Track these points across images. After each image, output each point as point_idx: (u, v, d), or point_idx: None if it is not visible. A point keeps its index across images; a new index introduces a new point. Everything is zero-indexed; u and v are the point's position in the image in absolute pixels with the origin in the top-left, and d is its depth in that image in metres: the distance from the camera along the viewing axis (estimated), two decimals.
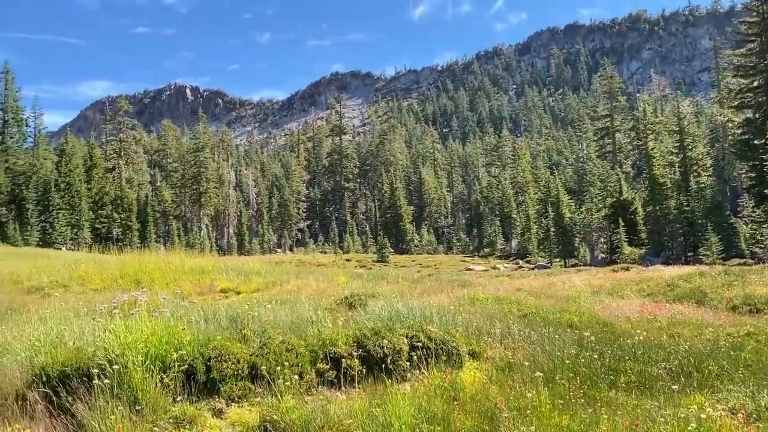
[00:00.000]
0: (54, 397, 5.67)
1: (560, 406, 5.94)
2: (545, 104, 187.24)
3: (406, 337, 7.34)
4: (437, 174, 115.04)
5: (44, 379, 5.99)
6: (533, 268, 52.07)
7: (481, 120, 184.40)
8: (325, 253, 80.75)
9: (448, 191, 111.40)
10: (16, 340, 7.38)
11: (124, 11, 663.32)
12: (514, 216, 79.26)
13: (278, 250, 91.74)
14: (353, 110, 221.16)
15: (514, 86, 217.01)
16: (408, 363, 6.92)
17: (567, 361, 7.66)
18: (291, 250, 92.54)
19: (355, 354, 6.66)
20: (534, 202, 74.40)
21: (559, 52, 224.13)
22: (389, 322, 7.83)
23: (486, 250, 75.95)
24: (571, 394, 6.38)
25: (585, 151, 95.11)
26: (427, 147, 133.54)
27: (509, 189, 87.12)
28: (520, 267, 57.31)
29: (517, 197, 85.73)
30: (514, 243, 77.74)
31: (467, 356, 7.78)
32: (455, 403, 5.95)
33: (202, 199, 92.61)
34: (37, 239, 66.87)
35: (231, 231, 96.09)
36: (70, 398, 5.53)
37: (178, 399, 5.61)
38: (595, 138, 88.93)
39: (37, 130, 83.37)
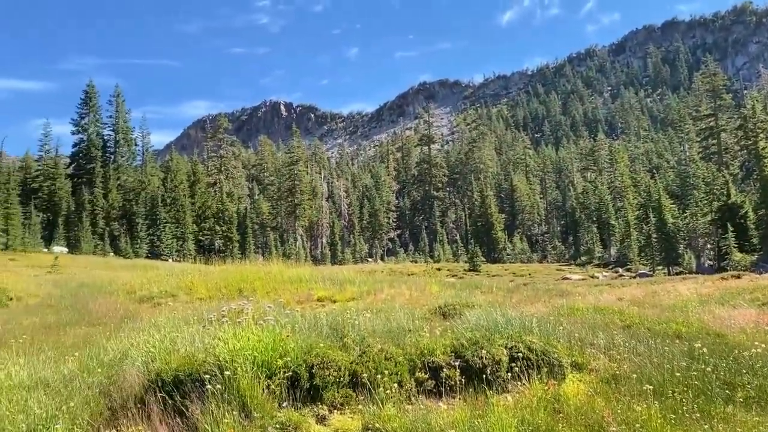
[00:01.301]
0: (169, 401, 5.99)
1: (672, 421, 5.65)
2: (643, 105, 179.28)
3: (505, 347, 7.22)
4: (529, 180, 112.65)
5: (160, 383, 6.34)
6: (634, 277, 49.79)
7: (574, 124, 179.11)
8: (416, 262, 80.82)
9: (541, 198, 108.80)
10: (134, 347, 7.87)
11: (221, 33, 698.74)
12: (613, 222, 76.27)
13: (369, 259, 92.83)
14: (441, 119, 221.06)
15: (609, 88, 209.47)
16: (508, 374, 6.80)
17: (677, 374, 7.27)
18: (382, 259, 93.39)
19: (454, 364, 6.63)
20: (633, 208, 71.26)
21: (657, 51, 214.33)
22: (487, 332, 7.73)
23: (583, 258, 73.43)
24: (684, 408, 6.05)
25: (687, 153, 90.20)
26: (519, 153, 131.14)
27: (607, 194, 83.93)
28: (620, 275, 54.95)
29: (615, 203, 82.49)
30: (612, 250, 74.75)
31: (569, 368, 7.54)
32: (559, 415, 5.79)
33: (297, 211, 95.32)
34: (146, 251, 71.13)
35: (324, 241, 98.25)
36: (183, 402, 5.83)
37: (284, 405, 5.79)
38: (698, 139, 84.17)
39: (144, 149, 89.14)
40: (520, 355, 7.14)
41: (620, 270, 60.49)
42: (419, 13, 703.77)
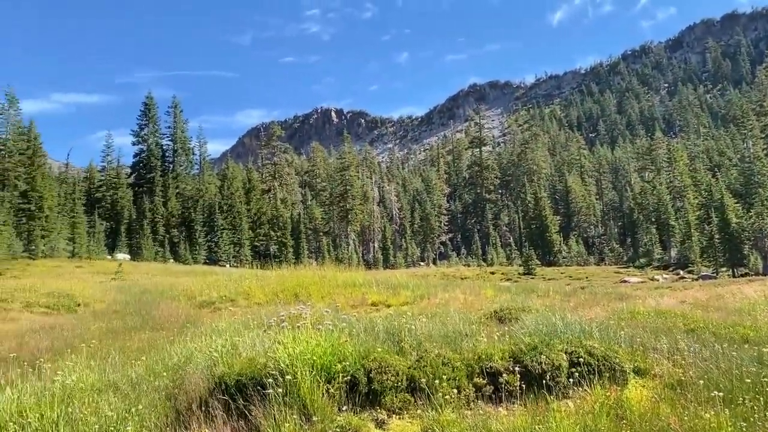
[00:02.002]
0: (232, 404, 6.14)
1: (743, 429, 5.44)
2: (702, 102, 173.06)
3: (565, 352, 7.10)
4: (585, 181, 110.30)
5: (223, 387, 6.51)
6: (697, 279, 48.11)
7: (630, 122, 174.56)
8: (468, 266, 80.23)
9: (597, 199, 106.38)
10: (197, 351, 8.10)
11: (272, 43, 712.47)
12: (673, 223, 73.87)
13: (421, 263, 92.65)
14: (492, 121, 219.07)
15: (666, 85, 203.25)
16: (569, 380, 6.69)
17: (747, 380, 6.99)
18: (434, 263, 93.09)
19: (512, 369, 6.57)
20: (694, 208, 68.89)
21: (716, 45, 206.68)
22: (546, 336, 7.62)
23: (642, 260, 71.36)
24: (755, 416, 5.81)
25: (751, 150, 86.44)
26: (573, 153, 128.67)
27: (666, 194, 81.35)
28: (682, 278, 53.18)
29: (674, 203, 79.90)
30: (673, 252, 72.39)
31: (632, 373, 7.36)
32: (622, 422, 5.66)
33: (349, 216, 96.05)
34: (204, 257, 72.99)
35: (376, 245, 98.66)
36: (246, 405, 5.97)
37: (343, 409, 5.86)
38: (763, 135, 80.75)
39: (201, 157, 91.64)
40: (581, 360, 7.01)
41: (681, 272, 58.54)
42: (468, 16, 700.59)
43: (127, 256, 64.38)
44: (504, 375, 6.55)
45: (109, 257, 62.97)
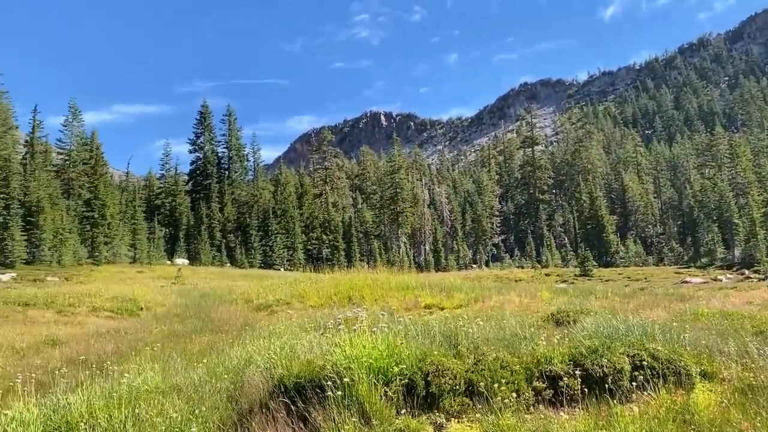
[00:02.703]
0: (292, 406, 6.22)
1: None
2: (766, 95, 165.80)
3: (627, 355, 6.91)
4: (642, 179, 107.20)
5: (282, 389, 6.60)
6: (763, 279, 46.08)
7: (688, 118, 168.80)
8: (522, 268, 79.10)
9: (655, 197, 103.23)
10: (256, 354, 8.25)
11: (323, 49, 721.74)
12: (736, 221, 70.95)
13: (473, 265, 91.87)
14: (544, 119, 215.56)
15: (726, 78, 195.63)
16: (632, 383, 6.51)
17: None
18: (486, 265, 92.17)
19: (573, 373, 6.43)
20: (759, 205, 66.09)
21: None
22: (606, 339, 7.44)
23: (703, 260, 68.81)
24: None
25: None
26: (629, 151, 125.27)
27: (728, 191, 78.22)
28: (747, 278, 51.02)
29: (737, 200, 76.73)
30: (736, 251, 69.49)
31: (698, 377, 7.10)
32: (690, 427, 5.47)
33: (400, 219, 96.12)
34: (260, 261, 74.34)
35: (427, 248, 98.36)
36: (306, 408, 6.04)
37: (402, 412, 5.86)
38: None
39: (255, 164, 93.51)
40: (644, 363, 6.81)
41: (746, 272, 56.18)
42: (518, 15, 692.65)
43: (186, 261, 66.21)
44: (564, 379, 6.42)
45: (169, 262, 64.91)
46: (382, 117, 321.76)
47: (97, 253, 57.82)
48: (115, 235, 61.26)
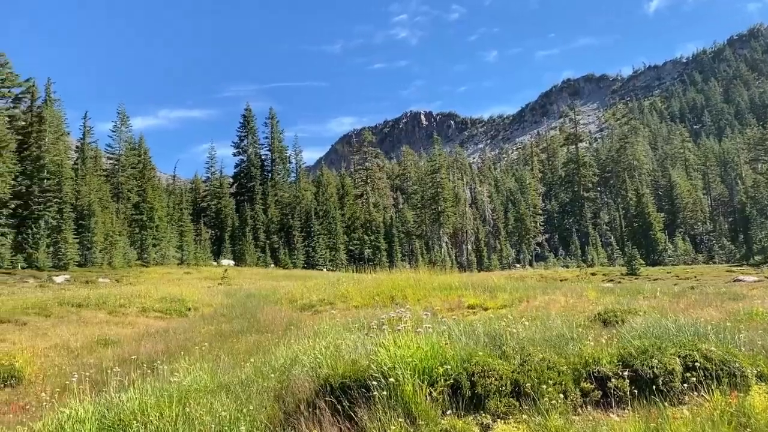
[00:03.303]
0: (338, 406, 6.27)
1: None
2: None
3: (678, 356, 6.73)
4: (690, 175, 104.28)
5: (328, 388, 6.66)
6: None
7: (739, 111, 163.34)
8: (567, 267, 77.82)
9: (704, 194, 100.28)
10: (302, 353, 8.35)
11: (362, 51, 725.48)
12: None
13: (517, 265, 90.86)
14: (588, 116, 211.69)
15: None
16: (683, 385, 6.34)
17: None
18: (530, 264, 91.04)
19: (622, 374, 6.30)
20: None
21: None
22: (656, 339, 7.26)
23: (757, 257, 66.46)
24: None
25: None
26: (676, 147, 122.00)
27: None
28: None
29: None
30: None
31: (754, 379, 6.87)
32: (746, 430, 5.30)
33: (441, 218, 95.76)
34: (303, 262, 75.11)
35: (469, 247, 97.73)
36: (351, 407, 6.08)
37: (447, 412, 5.84)
38: None
39: (297, 165, 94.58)
40: (696, 364, 6.62)
41: None
42: (559, 11, 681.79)
43: (232, 262, 67.39)
44: (613, 380, 6.29)
45: (215, 263, 66.18)
46: (422, 116, 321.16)
47: (146, 255, 59.40)
48: (163, 237, 62.81)
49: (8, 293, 29.11)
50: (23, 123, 57.60)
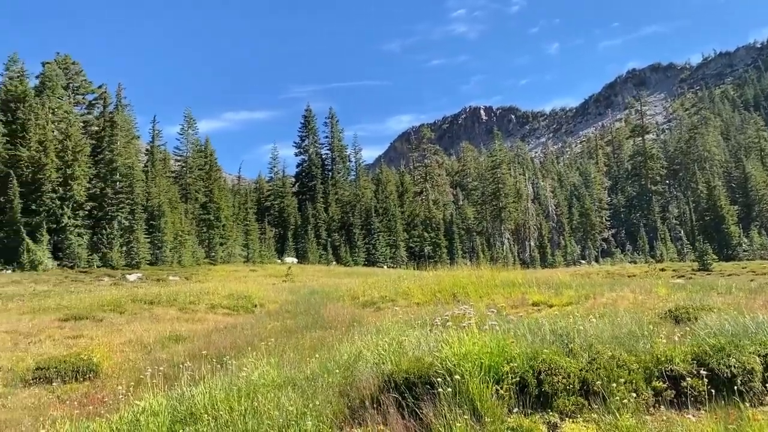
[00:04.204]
0: (402, 402, 6.28)
1: None
2: None
3: (758, 355, 6.42)
4: (766, 166, 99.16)
5: (392, 384, 6.68)
6: None
7: None
8: (635, 263, 75.46)
9: None
10: (366, 349, 8.41)
11: (420, 48, 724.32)
12: None
13: (582, 261, 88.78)
14: (655, 107, 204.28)
15: None
16: (764, 385, 6.04)
17: None
18: (596, 261, 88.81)
19: (697, 373, 6.06)
20: None
21: None
22: (733, 337, 6.94)
23: None
24: None
25: None
26: (750, 136, 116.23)
27: None
28: None
29: None
30: None
31: None
32: None
33: (502, 214, 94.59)
34: (364, 259, 75.71)
35: (532, 244, 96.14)
36: (416, 403, 6.08)
37: (514, 410, 5.77)
38: None
39: (357, 164, 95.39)
40: None
41: None
42: (623, 1, 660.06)
43: (295, 260, 68.64)
44: (687, 379, 6.06)
45: (279, 261, 67.56)
46: (482, 111, 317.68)
47: (213, 253, 61.24)
48: (229, 236, 64.60)
49: (85, 291, 30.59)
50: (96, 128, 60.41)
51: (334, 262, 71.86)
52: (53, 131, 53.45)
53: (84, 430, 7.08)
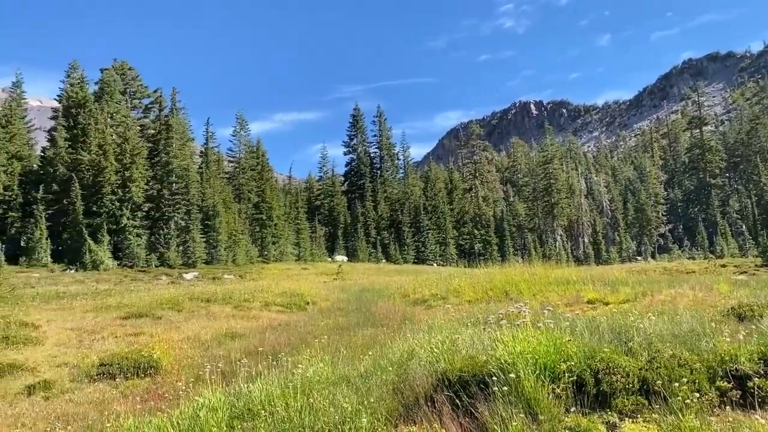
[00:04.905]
0: (456, 400, 6.26)
1: None
2: None
3: None
4: None
5: (446, 382, 6.66)
6: None
7: None
8: (694, 259, 73.04)
9: None
10: (418, 347, 8.41)
11: (466, 44, 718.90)
12: None
13: (638, 258, 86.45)
14: (713, 97, 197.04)
15: None
16: None
17: None
18: (652, 257, 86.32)
19: (765, 372, 5.83)
20: None
21: None
22: None
23: None
24: None
25: None
26: None
27: None
28: None
29: None
30: None
31: None
32: None
33: (555, 210, 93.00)
34: (413, 257, 75.70)
35: (585, 240, 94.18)
36: (471, 402, 6.05)
37: (571, 410, 5.68)
38: None
39: (405, 162, 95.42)
40: None
41: None
42: None
43: (345, 258, 69.19)
44: (754, 379, 5.84)
45: (329, 259, 68.24)
46: (532, 106, 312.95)
47: (266, 252, 62.34)
48: (281, 235, 65.63)
49: (144, 289, 31.58)
50: (152, 131, 62.26)
51: (384, 260, 72.09)
52: (112, 135, 55.39)
53: (146, 425, 7.29)
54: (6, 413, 10.57)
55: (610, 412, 5.75)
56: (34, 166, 55.79)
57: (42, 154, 56.54)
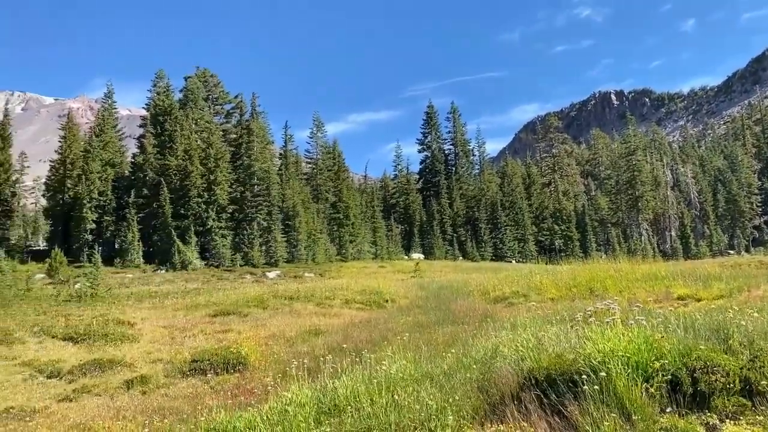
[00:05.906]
0: (544, 399, 6.13)
1: None
2: None
3: None
4: None
5: (532, 381, 6.55)
6: None
7: None
8: None
9: None
10: (502, 345, 8.32)
11: (541, 35, 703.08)
12: None
13: (730, 251, 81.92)
14: None
15: None
16: None
17: None
18: (746, 250, 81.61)
19: None
20: None
21: None
22: None
23: None
24: None
25: None
26: None
27: None
28: None
29: None
30: None
31: None
32: None
33: (639, 204, 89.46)
34: (491, 254, 74.79)
35: (673, 234, 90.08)
36: (560, 401, 5.91)
37: (666, 410, 5.46)
38: None
39: (481, 158, 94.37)
40: None
41: None
42: None
43: (421, 256, 69.23)
44: None
45: (406, 257, 68.46)
46: (613, 96, 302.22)
47: (344, 251, 63.29)
48: (358, 233, 66.44)
49: (231, 288, 32.77)
50: (234, 135, 64.41)
51: (461, 258, 71.59)
52: (197, 140, 57.74)
53: (238, 419, 7.55)
54: (109, 405, 11.26)
55: (709, 413, 5.48)
56: (126, 172, 59.03)
57: (132, 161, 59.70)
